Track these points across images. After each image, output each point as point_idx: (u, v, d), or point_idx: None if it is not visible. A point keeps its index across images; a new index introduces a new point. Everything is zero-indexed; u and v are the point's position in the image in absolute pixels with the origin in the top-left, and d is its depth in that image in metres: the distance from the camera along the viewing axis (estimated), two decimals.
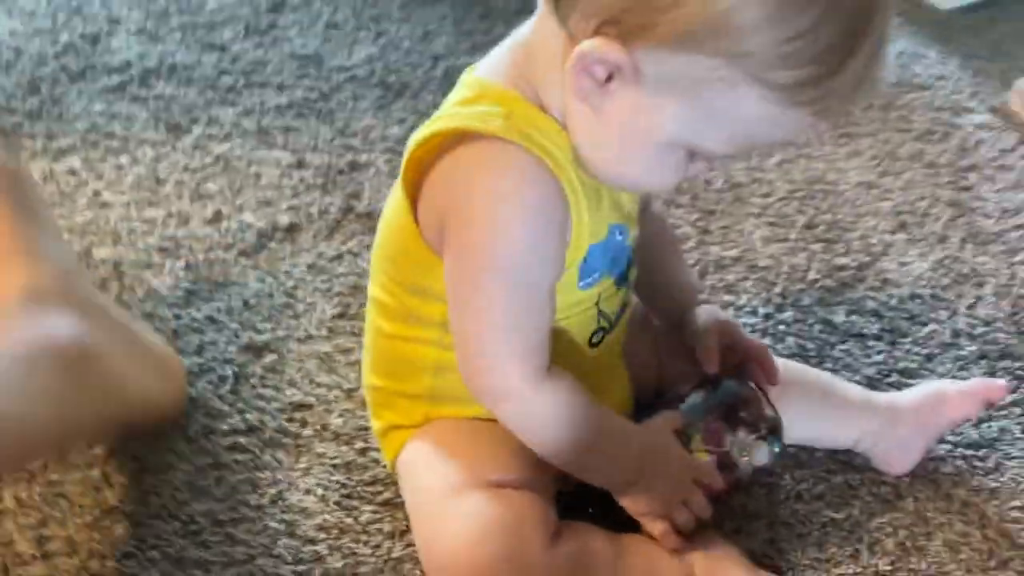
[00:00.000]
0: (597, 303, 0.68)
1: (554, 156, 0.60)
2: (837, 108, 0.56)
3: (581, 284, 0.66)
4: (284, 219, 1.00)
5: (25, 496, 0.70)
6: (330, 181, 1.07)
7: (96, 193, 1.00)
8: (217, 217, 0.99)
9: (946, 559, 0.75)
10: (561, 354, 0.66)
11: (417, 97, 1.24)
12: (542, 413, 0.63)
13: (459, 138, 0.60)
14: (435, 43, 1.36)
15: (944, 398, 0.80)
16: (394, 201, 0.67)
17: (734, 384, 0.73)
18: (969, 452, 0.84)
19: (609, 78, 0.56)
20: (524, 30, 0.63)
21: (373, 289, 0.71)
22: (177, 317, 0.87)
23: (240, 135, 1.12)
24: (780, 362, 0.86)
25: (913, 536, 0.76)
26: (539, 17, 0.61)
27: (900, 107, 1.34)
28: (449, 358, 0.65)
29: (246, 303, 0.89)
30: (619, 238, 0.68)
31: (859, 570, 0.73)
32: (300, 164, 1.09)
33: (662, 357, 0.79)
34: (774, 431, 0.71)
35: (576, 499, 0.72)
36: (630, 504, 0.68)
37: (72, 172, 1.02)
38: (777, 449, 0.72)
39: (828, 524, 0.76)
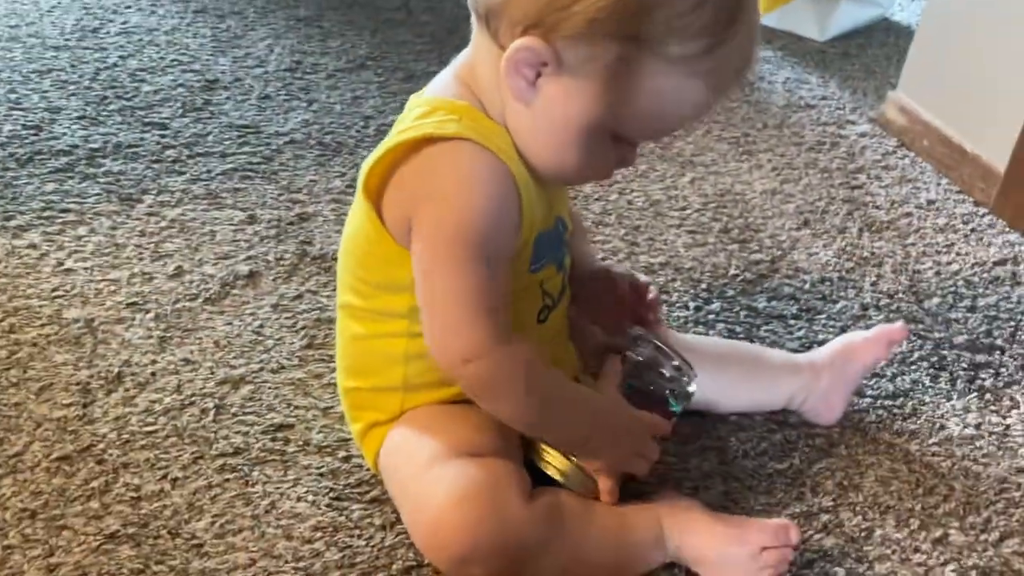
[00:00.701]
0: (542, 284, 0.77)
1: (504, 152, 0.69)
2: (727, 82, 0.67)
3: (532, 268, 0.74)
4: (244, 268, 1.06)
5: (29, 532, 0.74)
6: (282, 231, 1.13)
7: (59, 263, 1.05)
8: (179, 272, 1.05)
9: (880, 492, 0.84)
10: (515, 329, 0.73)
11: (354, 153, 1.32)
12: (509, 370, 0.70)
13: (420, 143, 0.68)
14: (364, 105, 1.45)
15: (853, 347, 0.90)
16: (356, 213, 0.75)
17: (644, 345, 0.81)
18: (888, 402, 0.94)
19: (538, 76, 0.66)
20: (464, 52, 0.72)
21: (342, 297, 0.78)
22: (153, 362, 0.91)
23: (191, 200, 1.18)
24: (715, 340, 0.96)
25: (849, 476, 0.85)
26: (474, 38, 0.71)
27: (792, 124, 1.49)
28: (418, 345, 0.72)
29: (217, 344, 0.95)
30: (561, 229, 0.77)
31: (805, 508, 0.81)
32: (252, 219, 1.15)
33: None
34: (684, 370, 0.80)
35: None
36: (587, 460, 0.74)
37: (33, 246, 1.07)
38: (693, 388, 0.80)
39: (774, 475, 0.85)
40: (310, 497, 0.79)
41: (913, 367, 0.99)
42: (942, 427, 0.92)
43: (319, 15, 1.77)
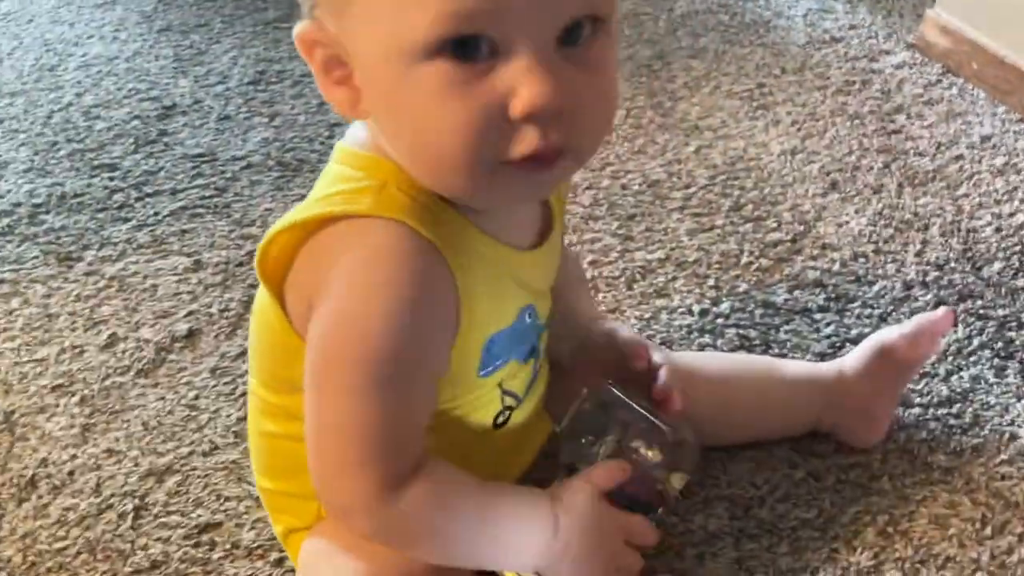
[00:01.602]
0: (500, 384, 0.61)
1: (443, 232, 0.53)
2: None
3: (482, 373, 0.59)
4: (182, 327, 0.94)
5: None
6: (229, 275, 1.01)
7: None
8: (112, 341, 0.93)
9: (935, 537, 0.67)
10: (457, 442, 0.59)
11: (316, 170, 1.18)
12: (400, 526, 0.56)
13: (323, 222, 0.53)
14: (330, 112, 1.32)
15: (889, 347, 0.73)
16: (261, 295, 0.61)
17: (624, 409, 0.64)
18: (942, 411, 0.76)
19: (348, 73, 0.51)
20: None
21: (252, 382, 0.65)
22: (73, 457, 0.81)
23: (134, 250, 1.07)
24: (716, 356, 0.79)
25: (894, 520, 0.68)
26: None
27: (814, 66, 1.29)
28: None
29: (146, 425, 0.83)
30: (528, 320, 0.61)
31: (840, 573, 0.65)
32: (198, 265, 1.04)
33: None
34: (679, 444, 0.63)
35: None
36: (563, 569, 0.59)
37: None
38: (683, 436, 0.63)
39: (799, 527, 0.69)
40: None
41: (972, 359, 0.81)
42: (1013, 437, 0.74)
43: (288, 15, 1.64)
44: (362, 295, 0.53)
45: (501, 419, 0.62)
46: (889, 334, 0.74)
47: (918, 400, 0.77)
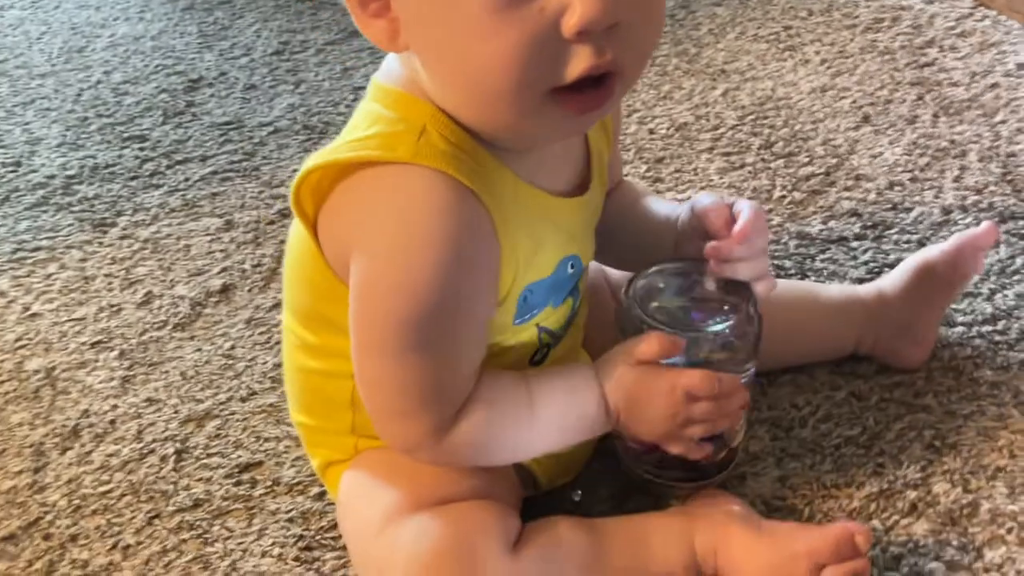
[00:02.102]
0: (538, 325, 0.60)
1: (483, 179, 0.51)
2: None
3: (517, 321, 0.58)
4: (217, 283, 0.95)
5: None
6: (260, 233, 1.02)
7: (26, 308, 0.96)
8: (148, 299, 0.94)
9: (984, 449, 0.65)
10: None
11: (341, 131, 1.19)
12: (460, 452, 0.56)
13: (359, 166, 0.52)
14: (354, 76, 1.32)
15: (931, 265, 0.71)
16: (296, 229, 0.61)
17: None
18: (986, 328, 0.75)
19: (384, 8, 0.49)
20: None
21: (287, 317, 0.65)
22: (114, 407, 0.81)
23: (166, 214, 1.08)
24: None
25: (941, 435, 0.67)
26: None
27: (842, 6, 1.26)
28: None
29: (184, 375, 0.84)
30: (570, 271, 0.59)
31: (886, 486, 0.64)
32: (229, 225, 1.04)
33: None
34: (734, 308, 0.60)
35: (556, 492, 0.65)
36: (633, 436, 0.61)
37: (1, 294, 0.99)
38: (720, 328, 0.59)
39: (843, 445, 0.67)
40: (276, 550, 0.67)
41: (1016, 277, 0.79)
42: None
43: None
44: (405, 252, 0.51)
45: (539, 356, 0.62)
46: (930, 252, 0.72)
47: (961, 319, 0.75)
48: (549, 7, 0.45)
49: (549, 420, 0.57)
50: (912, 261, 0.73)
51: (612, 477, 0.67)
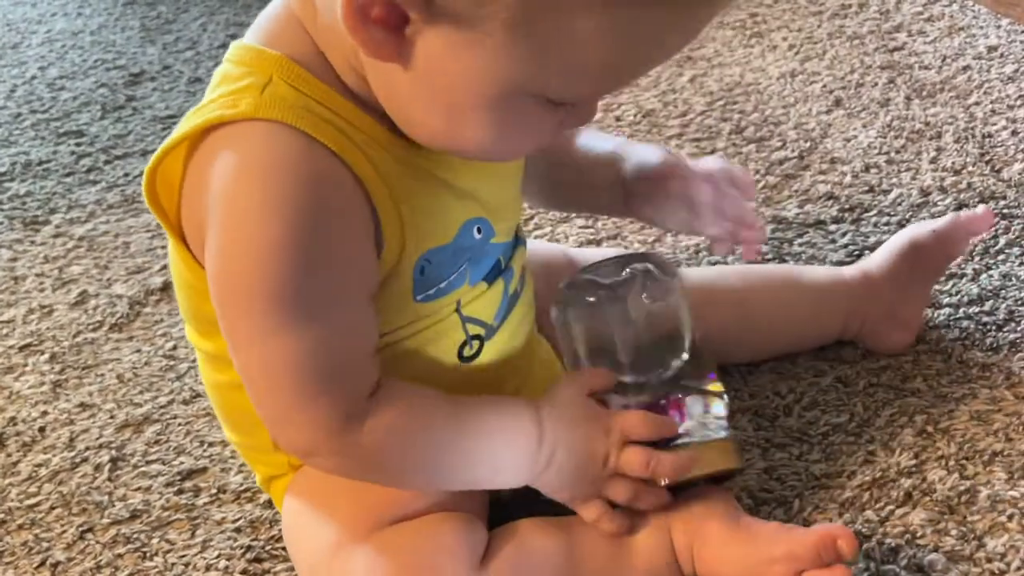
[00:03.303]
0: (458, 309, 0.53)
1: (345, 134, 0.46)
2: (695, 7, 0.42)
3: (419, 297, 0.51)
4: (157, 281, 0.88)
5: None
6: None
7: None
8: (83, 298, 0.88)
9: (979, 433, 0.62)
10: (423, 380, 0.52)
11: None
12: (368, 458, 0.49)
13: (204, 133, 0.47)
14: None
15: (919, 245, 0.68)
16: (165, 230, 0.53)
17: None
18: (974, 309, 0.71)
19: (406, 20, 0.42)
20: None
21: (187, 331, 0.58)
22: (44, 414, 0.75)
23: (104, 211, 1.01)
24: (731, 269, 0.74)
25: (933, 419, 0.63)
26: None
27: None
28: None
29: (121, 378, 0.77)
30: (477, 236, 0.53)
31: (879, 474, 0.60)
32: None
33: None
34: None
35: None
36: (552, 494, 0.53)
37: None
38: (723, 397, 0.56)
39: (830, 433, 0.63)
40: (222, 563, 0.61)
41: (1001, 257, 0.76)
42: None
43: None
44: (248, 219, 0.45)
45: (468, 351, 0.55)
46: (920, 230, 0.69)
47: (947, 300, 0.72)
48: (561, 117, 0.47)
49: (476, 435, 0.51)
50: (900, 238, 0.69)
51: None
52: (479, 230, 0.53)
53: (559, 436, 0.51)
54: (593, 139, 0.64)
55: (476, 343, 0.55)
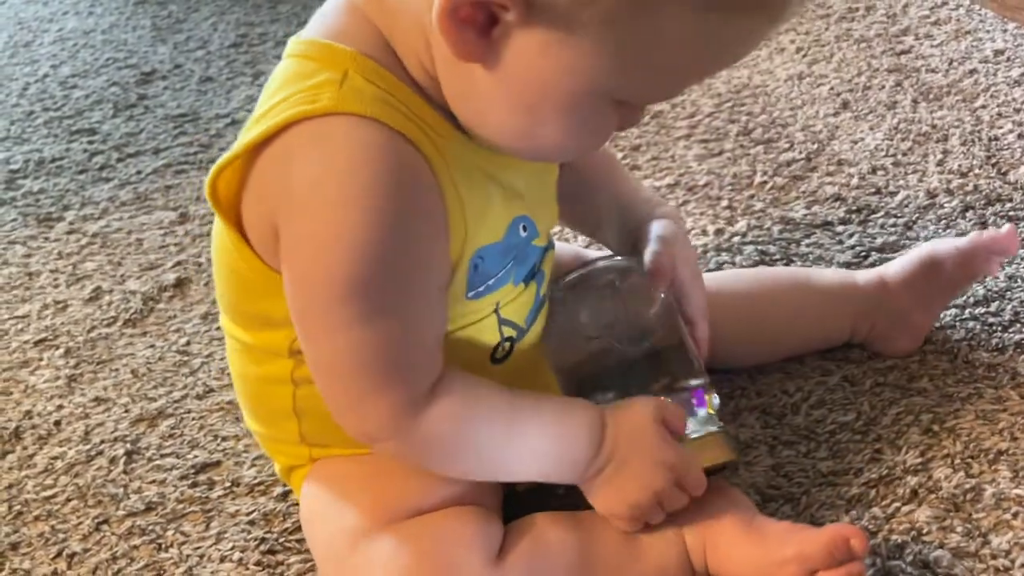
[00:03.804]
0: (496, 310, 0.55)
1: (418, 125, 0.47)
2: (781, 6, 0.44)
3: (470, 294, 0.52)
4: (170, 277, 0.89)
5: None
6: None
7: None
8: (97, 295, 0.88)
9: (984, 433, 0.62)
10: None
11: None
12: (428, 444, 0.51)
13: (277, 133, 0.47)
14: None
15: (940, 262, 0.67)
16: (218, 228, 0.55)
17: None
18: (979, 310, 0.72)
19: (494, 21, 0.43)
20: None
21: (223, 321, 0.59)
22: (59, 408, 0.76)
23: (117, 208, 1.02)
24: (740, 273, 0.75)
25: (939, 418, 0.64)
26: None
27: None
28: (308, 397, 0.54)
29: (135, 373, 0.78)
30: (523, 234, 0.54)
31: (885, 472, 0.61)
32: (184, 218, 0.99)
33: None
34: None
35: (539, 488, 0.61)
36: (598, 502, 0.54)
37: None
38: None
39: (837, 431, 0.64)
40: (236, 555, 0.61)
41: (1007, 259, 0.77)
42: None
43: None
44: (335, 211, 0.46)
45: (500, 353, 0.56)
46: (943, 245, 0.68)
47: (953, 301, 0.73)
48: (619, 118, 0.49)
49: (529, 433, 0.52)
50: (921, 252, 0.69)
51: None
52: (524, 228, 0.54)
53: (619, 453, 0.52)
54: (623, 188, 0.65)
55: (507, 344, 0.56)
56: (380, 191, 0.46)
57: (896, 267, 0.69)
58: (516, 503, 0.58)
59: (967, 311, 0.72)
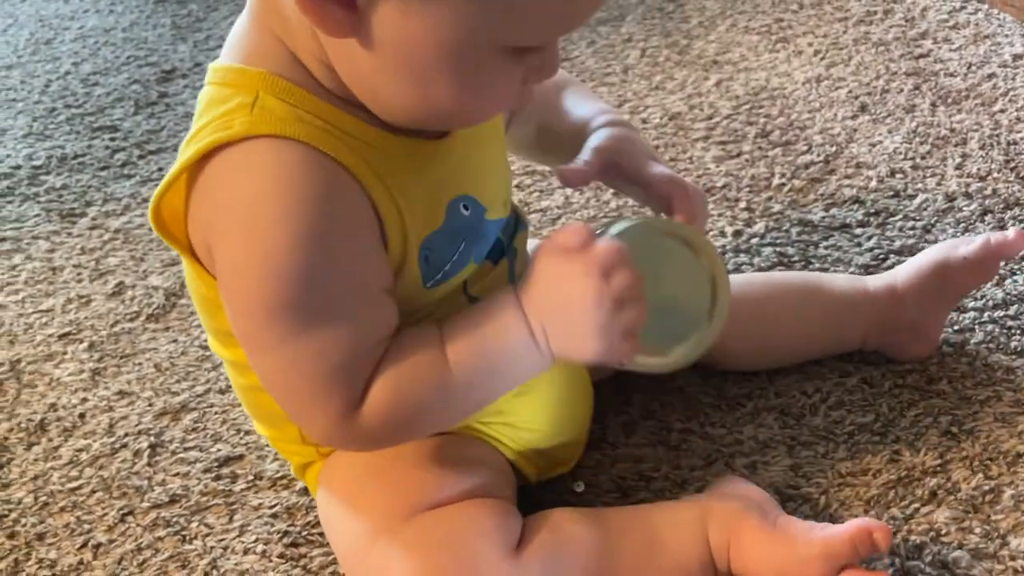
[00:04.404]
0: (466, 291, 0.55)
1: (333, 135, 0.48)
2: None
3: (428, 284, 0.52)
4: None
5: None
6: None
7: None
8: (120, 289, 0.89)
9: (1003, 435, 0.63)
10: None
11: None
12: (378, 432, 0.50)
13: (204, 160, 0.48)
14: None
15: (948, 268, 0.67)
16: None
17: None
18: (998, 313, 0.72)
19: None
20: None
21: (210, 343, 0.61)
22: (84, 401, 0.77)
23: (138, 204, 1.03)
24: (753, 276, 0.75)
25: (958, 421, 0.64)
26: None
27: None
28: None
29: (158, 367, 0.79)
30: (465, 213, 0.53)
31: (904, 473, 0.61)
32: None
33: None
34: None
35: (556, 484, 0.62)
36: (581, 358, 0.49)
37: None
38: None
39: (856, 432, 0.64)
40: (260, 547, 0.62)
41: None
42: None
43: None
44: (254, 230, 0.46)
45: None
46: (952, 251, 0.68)
47: (972, 304, 0.73)
48: (527, 66, 0.48)
49: (471, 365, 0.49)
50: (930, 257, 0.68)
51: (615, 467, 0.64)
52: (465, 207, 0.53)
53: (544, 310, 0.48)
54: (574, 102, 0.64)
55: None
56: (296, 210, 0.46)
57: (906, 275, 0.68)
58: (532, 498, 0.58)
59: (986, 314, 0.72)
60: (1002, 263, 0.73)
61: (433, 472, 0.54)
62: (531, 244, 0.62)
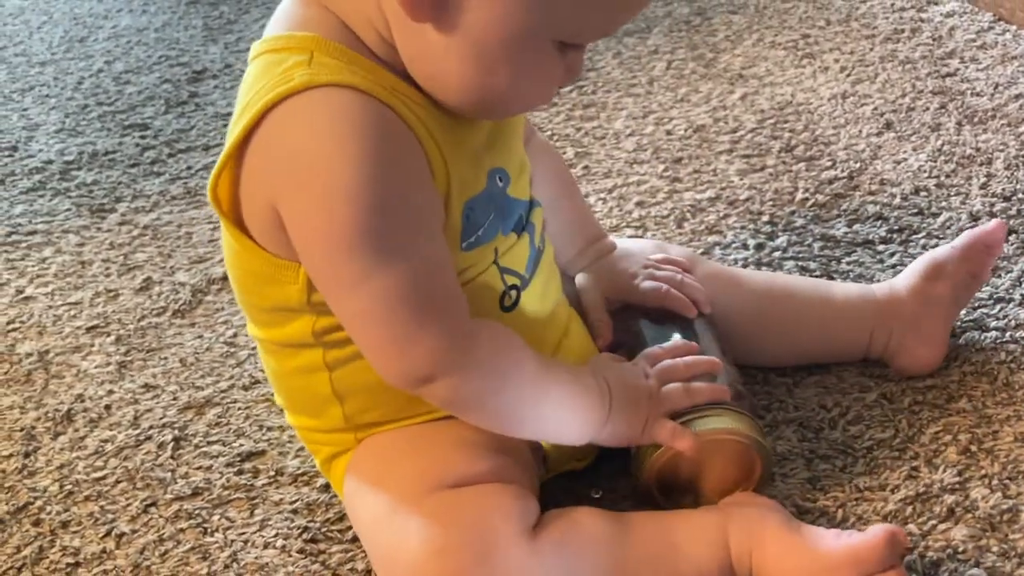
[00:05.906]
0: (496, 261, 0.57)
1: (388, 93, 0.50)
2: None
3: (464, 245, 0.55)
4: (219, 271, 0.92)
5: None
6: None
7: (19, 291, 0.92)
8: (147, 285, 0.91)
9: (1022, 455, 0.63)
10: None
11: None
12: (481, 374, 0.52)
13: (258, 123, 0.50)
14: None
15: (938, 262, 0.70)
16: (224, 232, 0.57)
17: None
18: (1020, 333, 0.72)
19: None
20: None
21: (249, 328, 0.62)
22: (110, 393, 0.78)
23: (167, 202, 1.05)
24: (760, 274, 0.77)
25: (977, 439, 0.64)
26: None
27: (860, 16, 1.25)
28: (346, 377, 0.56)
29: (183, 362, 0.80)
30: (500, 184, 0.57)
31: (922, 490, 0.61)
32: None
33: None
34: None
35: (574, 488, 0.62)
36: (612, 439, 0.58)
37: None
38: None
39: (875, 447, 0.65)
40: (280, 542, 0.63)
41: None
42: None
43: None
44: (326, 171, 0.49)
45: (508, 300, 0.58)
46: (940, 252, 0.71)
47: (994, 324, 0.73)
48: (564, 66, 0.53)
49: (555, 386, 0.56)
50: (921, 259, 0.72)
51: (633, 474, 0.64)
52: (500, 179, 0.57)
53: (614, 391, 0.57)
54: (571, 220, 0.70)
55: (514, 293, 0.58)
56: (366, 144, 0.49)
57: (903, 276, 0.72)
58: (550, 502, 0.59)
59: (1008, 334, 0.72)
60: (1000, 260, 0.74)
61: (460, 453, 0.56)
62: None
